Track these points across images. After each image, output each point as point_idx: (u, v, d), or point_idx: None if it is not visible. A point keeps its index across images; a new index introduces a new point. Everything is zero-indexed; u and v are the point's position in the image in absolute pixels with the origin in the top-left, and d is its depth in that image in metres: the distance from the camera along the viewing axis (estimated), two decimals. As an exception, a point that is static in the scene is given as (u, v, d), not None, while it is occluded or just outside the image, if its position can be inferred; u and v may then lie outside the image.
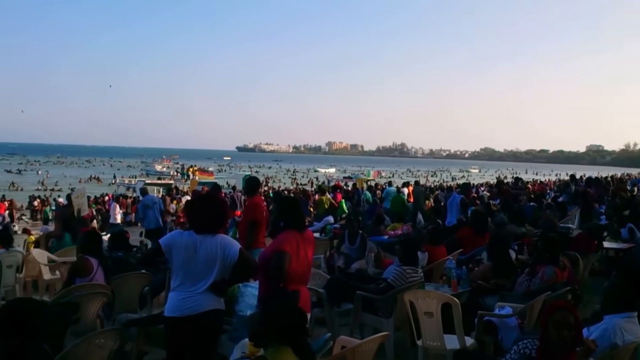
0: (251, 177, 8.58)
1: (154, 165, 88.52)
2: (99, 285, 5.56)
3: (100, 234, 6.70)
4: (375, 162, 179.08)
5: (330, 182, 56.84)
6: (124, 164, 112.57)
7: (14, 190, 49.90)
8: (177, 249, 3.98)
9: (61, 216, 10.52)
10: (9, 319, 2.78)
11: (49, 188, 52.04)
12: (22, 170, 79.41)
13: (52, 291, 8.20)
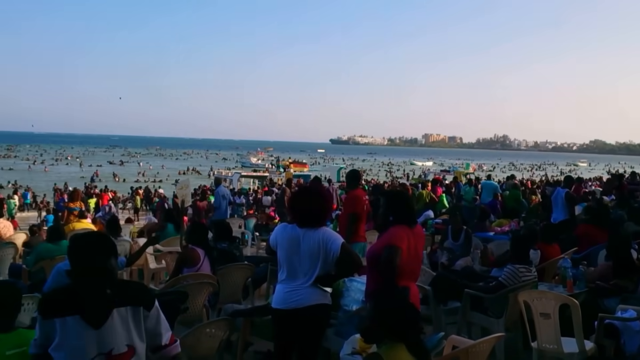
0: (352, 170, 8.60)
1: (249, 157, 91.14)
2: (205, 275, 5.79)
3: (206, 225, 6.95)
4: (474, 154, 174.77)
5: (427, 176, 56.14)
6: (220, 156, 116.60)
7: (117, 182, 53.02)
8: (281, 242, 4.06)
9: (163, 207, 11.03)
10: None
11: (150, 180, 54.77)
12: (124, 162, 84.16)
13: (157, 280, 8.64)
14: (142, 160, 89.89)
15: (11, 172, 59.66)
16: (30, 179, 49.91)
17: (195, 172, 67.69)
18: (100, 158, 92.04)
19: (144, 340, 2.69)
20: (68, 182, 44.43)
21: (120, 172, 64.57)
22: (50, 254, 7.10)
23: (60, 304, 2.57)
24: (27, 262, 7.41)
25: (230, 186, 37.62)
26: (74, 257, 2.59)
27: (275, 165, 57.91)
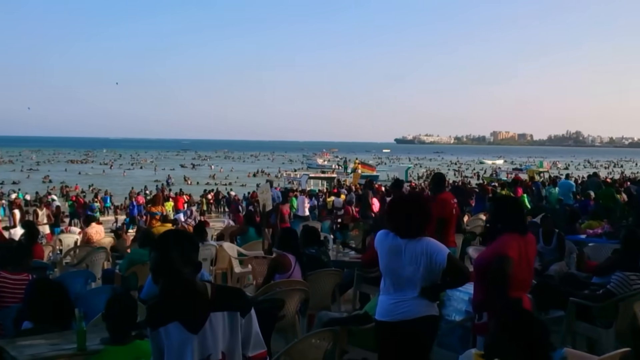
0: (438, 173, 8.40)
1: (315, 158, 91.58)
2: (297, 281, 5.74)
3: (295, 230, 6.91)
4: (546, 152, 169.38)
5: (499, 175, 54.71)
6: (286, 157, 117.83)
7: (189, 185, 54.37)
8: (382, 251, 3.94)
9: (237, 210, 11.10)
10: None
11: (220, 182, 55.88)
12: (195, 165, 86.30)
13: (242, 283, 8.70)
14: (212, 163, 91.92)
15: (88, 177, 62.20)
16: (108, 183, 51.92)
17: (265, 175, 68.63)
18: (173, 162, 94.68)
19: (239, 347, 2.62)
20: (143, 186, 45.96)
21: (192, 175, 66.20)
22: (142, 258, 7.25)
23: (160, 312, 2.55)
24: (120, 267, 7.59)
25: (299, 187, 37.93)
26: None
27: (343, 166, 57.89)
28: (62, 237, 12.43)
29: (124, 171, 71.57)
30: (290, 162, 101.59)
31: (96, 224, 11.05)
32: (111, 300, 3.45)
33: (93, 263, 9.00)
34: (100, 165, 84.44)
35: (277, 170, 71.39)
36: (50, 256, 10.33)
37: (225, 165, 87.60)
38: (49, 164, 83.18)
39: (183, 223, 12.61)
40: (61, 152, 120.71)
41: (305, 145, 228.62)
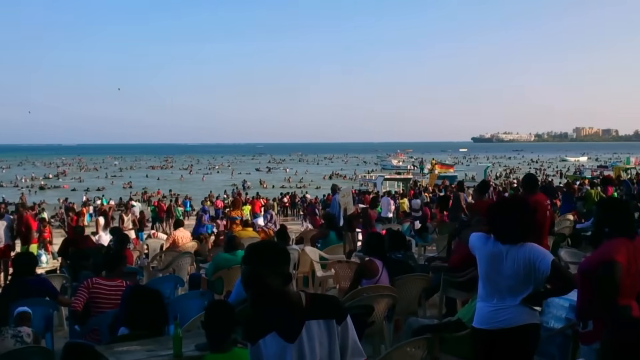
0: (529, 174, 8.09)
1: (389, 159, 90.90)
2: (385, 287, 5.65)
3: (381, 234, 6.82)
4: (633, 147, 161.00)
5: (582, 172, 52.44)
6: (360, 159, 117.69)
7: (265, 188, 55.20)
8: (481, 257, 3.80)
9: (326, 215, 11.09)
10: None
11: (295, 185, 56.42)
12: (271, 169, 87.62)
13: (324, 287, 8.68)
14: (287, 166, 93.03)
15: (168, 182, 64.30)
16: (188, 188, 53.49)
17: (341, 177, 68.65)
18: (248, 166, 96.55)
19: (337, 356, 2.55)
20: (220, 190, 47.03)
21: (268, 178, 67.21)
22: (227, 263, 7.36)
23: (256, 325, 2.53)
24: (206, 272, 7.73)
25: (375, 189, 37.66)
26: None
27: (419, 166, 57.20)
28: (149, 242, 12.83)
29: (203, 176, 73.41)
30: (364, 163, 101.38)
31: (182, 228, 11.34)
32: (210, 307, 3.47)
33: (179, 267, 9.23)
34: (180, 170, 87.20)
35: (352, 172, 71.27)
36: (137, 261, 10.70)
37: (300, 168, 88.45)
38: (131, 171, 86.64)
39: (263, 227, 12.74)
40: (142, 159, 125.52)
41: (378, 147, 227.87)
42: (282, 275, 2.46)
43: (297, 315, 2.50)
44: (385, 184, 41.63)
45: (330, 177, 69.91)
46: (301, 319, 2.49)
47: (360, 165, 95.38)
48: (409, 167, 71.50)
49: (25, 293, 5.84)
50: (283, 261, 2.51)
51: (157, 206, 29.07)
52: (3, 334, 4.20)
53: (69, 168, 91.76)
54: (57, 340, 6.29)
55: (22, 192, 50.67)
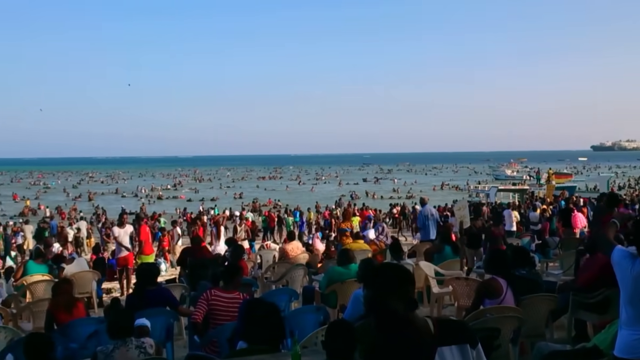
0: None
1: (502, 169, 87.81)
2: (510, 308, 5.32)
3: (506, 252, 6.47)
4: None
5: None
6: (470, 169, 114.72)
7: (374, 199, 55.04)
8: (625, 277, 3.46)
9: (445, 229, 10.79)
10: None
11: (404, 196, 55.80)
12: (378, 179, 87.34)
13: (440, 304, 8.39)
14: (395, 176, 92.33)
15: (276, 192, 65.76)
16: (297, 199, 54.43)
17: (452, 188, 67.12)
18: (356, 176, 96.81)
19: None
20: (329, 201, 47.37)
21: (376, 189, 66.98)
22: (341, 277, 7.29)
23: (381, 353, 2.37)
24: (320, 285, 7.70)
25: (488, 201, 36.36)
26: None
27: (535, 176, 54.67)
28: (262, 253, 13.08)
29: (312, 187, 74.37)
30: (475, 173, 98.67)
31: (295, 241, 11.44)
32: (332, 327, 3.38)
33: (292, 280, 9.29)
34: (289, 181, 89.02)
35: (463, 183, 69.45)
36: (251, 272, 10.90)
37: (408, 178, 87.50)
38: (242, 181, 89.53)
39: (374, 240, 12.60)
40: (253, 170, 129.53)
41: (490, 156, 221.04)
42: (408, 300, 2.33)
43: (425, 342, 2.35)
44: (499, 195, 40.13)
45: (442, 187, 68.57)
46: (432, 347, 2.35)
47: (472, 175, 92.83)
48: (524, 177, 68.64)
49: (147, 303, 6.07)
50: (408, 285, 2.37)
51: (268, 216, 29.68)
52: (128, 344, 4.34)
53: (185, 179, 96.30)
54: (177, 349, 6.49)
55: (143, 202, 53.71)
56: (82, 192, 67.54)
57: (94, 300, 10.16)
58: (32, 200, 56.70)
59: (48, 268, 10.01)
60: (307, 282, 9.83)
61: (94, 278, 10.30)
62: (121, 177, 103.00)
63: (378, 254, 10.92)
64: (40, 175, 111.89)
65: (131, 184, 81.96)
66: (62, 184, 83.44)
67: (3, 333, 5.82)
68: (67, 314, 6.03)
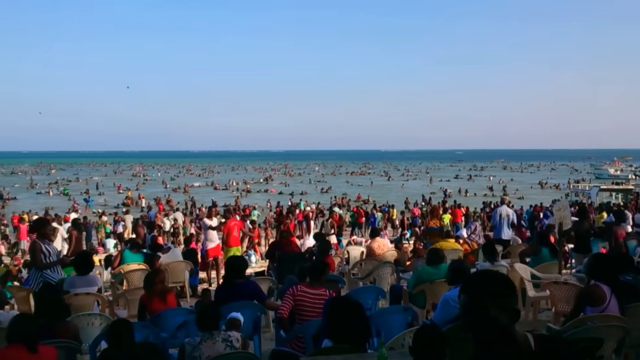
0: None
1: (605, 167, 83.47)
2: (614, 316, 4.96)
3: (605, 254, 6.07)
4: None
5: None
6: (570, 167, 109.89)
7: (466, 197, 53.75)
8: None
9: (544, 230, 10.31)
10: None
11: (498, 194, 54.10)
12: (472, 176, 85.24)
13: (536, 309, 8.02)
14: (490, 173, 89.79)
15: (365, 188, 65.56)
16: (386, 195, 54.12)
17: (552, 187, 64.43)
18: (447, 173, 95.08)
19: None
20: (419, 198, 46.72)
21: (469, 186, 65.36)
22: (430, 277, 7.09)
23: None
24: (407, 284, 7.53)
25: (589, 200, 34.60)
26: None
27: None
28: (349, 249, 13.02)
29: (402, 184, 73.65)
30: (575, 171, 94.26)
31: (379, 237, 11.28)
32: (420, 333, 3.24)
33: (380, 277, 9.16)
34: (378, 176, 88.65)
35: (564, 182, 66.46)
36: (338, 267, 10.87)
37: (503, 175, 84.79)
38: (332, 176, 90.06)
39: (466, 239, 12.21)
40: (342, 165, 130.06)
41: (592, 153, 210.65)
42: (509, 310, 2.16)
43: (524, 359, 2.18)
44: (600, 195, 38.12)
45: (541, 186, 66.01)
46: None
47: (572, 173, 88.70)
48: (629, 176, 64.89)
49: (235, 295, 6.15)
50: (510, 294, 2.20)
51: (357, 212, 29.62)
52: (214, 337, 4.38)
53: (276, 173, 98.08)
54: (265, 342, 6.55)
55: (236, 195, 55.16)
56: (179, 184, 70.23)
57: (187, 290, 10.47)
58: (133, 191, 59.69)
59: (144, 257, 10.41)
60: (394, 280, 9.68)
61: (187, 268, 10.61)
62: (215, 171, 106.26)
63: (469, 254, 10.58)
64: (140, 167, 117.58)
65: (224, 177, 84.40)
66: (161, 176, 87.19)
67: (99, 319, 6.08)
68: (159, 303, 6.20)
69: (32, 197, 58.14)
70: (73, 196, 55.97)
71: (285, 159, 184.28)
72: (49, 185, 70.02)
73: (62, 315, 5.33)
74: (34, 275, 7.20)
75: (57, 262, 7.36)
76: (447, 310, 5.23)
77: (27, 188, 68.42)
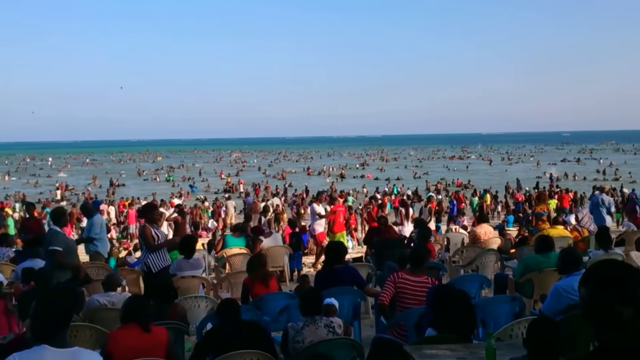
0: None
1: None
2: None
3: None
4: None
5: None
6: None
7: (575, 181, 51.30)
8: None
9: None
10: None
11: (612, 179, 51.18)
12: (580, 159, 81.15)
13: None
14: (601, 156, 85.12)
15: (464, 173, 64.06)
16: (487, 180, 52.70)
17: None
18: (553, 156, 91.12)
19: None
20: (523, 181, 45.11)
21: (577, 170, 62.23)
22: (539, 265, 6.80)
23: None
24: (514, 272, 7.28)
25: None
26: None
27: None
28: (449, 235, 12.78)
29: (506, 169, 71.22)
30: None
31: (486, 224, 10.96)
32: (533, 326, 3.10)
33: (483, 265, 8.92)
34: (479, 160, 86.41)
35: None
36: (438, 254, 10.68)
37: (615, 158, 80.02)
38: (429, 161, 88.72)
39: (576, 226, 11.61)
40: (439, 149, 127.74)
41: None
42: (636, 304, 1.99)
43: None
44: None
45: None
46: None
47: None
48: None
49: (335, 281, 6.18)
50: (636, 284, 2.03)
51: (455, 197, 29.00)
52: (317, 322, 4.42)
53: (371, 158, 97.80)
54: (364, 328, 6.56)
55: (332, 181, 55.57)
56: (277, 170, 71.64)
57: (287, 275, 10.66)
58: (233, 177, 61.58)
59: (245, 241, 10.70)
60: (498, 268, 9.39)
61: (286, 252, 10.80)
62: (310, 156, 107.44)
63: (579, 241, 10.06)
64: (239, 154, 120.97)
65: (319, 163, 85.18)
66: (258, 163, 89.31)
67: (205, 302, 6.31)
68: (261, 287, 6.35)
69: (139, 183, 61.28)
70: (177, 182, 58.46)
71: (381, 144, 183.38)
72: (155, 172, 73.54)
73: (170, 297, 5.58)
74: (144, 258, 7.56)
75: (166, 244, 7.67)
76: (558, 300, 5.00)
77: (135, 175, 72.16)
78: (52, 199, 44.13)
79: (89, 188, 54.01)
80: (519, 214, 24.26)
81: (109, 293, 6.17)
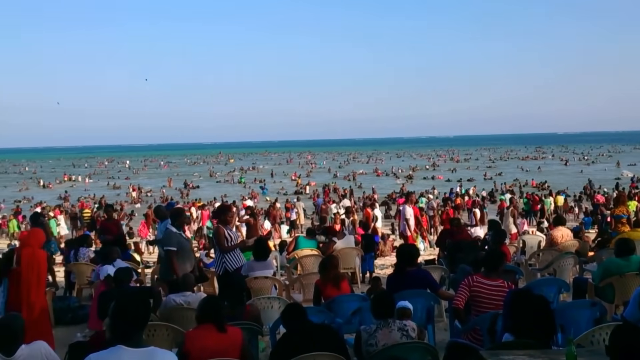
0: None
1: None
2: None
3: None
4: None
5: None
6: None
7: None
8: None
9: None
10: None
11: None
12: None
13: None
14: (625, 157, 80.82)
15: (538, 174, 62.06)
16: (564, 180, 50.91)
17: None
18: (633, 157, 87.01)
19: None
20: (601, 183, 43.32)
21: None
22: (619, 269, 6.53)
23: None
24: (593, 276, 7.02)
25: None
26: None
27: None
28: (525, 237, 12.44)
29: (581, 169, 68.59)
30: None
31: (563, 226, 10.59)
32: (618, 333, 2.96)
33: (561, 269, 8.63)
34: (555, 160, 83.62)
35: None
36: (513, 257, 10.42)
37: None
38: (502, 162, 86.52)
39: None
40: (513, 150, 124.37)
41: None
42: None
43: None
44: None
45: None
46: None
47: None
48: None
49: (407, 283, 6.12)
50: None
51: (531, 199, 28.15)
52: (390, 325, 4.39)
53: (441, 159, 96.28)
54: (438, 332, 6.45)
55: (402, 182, 55.04)
56: (347, 171, 71.59)
57: (358, 277, 10.65)
58: (303, 179, 62.01)
59: (316, 244, 10.77)
60: (576, 272, 9.07)
61: (358, 254, 10.79)
62: (380, 158, 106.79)
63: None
64: (309, 156, 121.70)
65: (389, 164, 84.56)
66: (327, 164, 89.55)
67: (277, 303, 6.38)
68: (333, 289, 6.37)
69: (212, 185, 62.58)
70: (249, 184, 59.39)
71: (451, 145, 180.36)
72: (228, 174, 74.96)
73: (243, 298, 5.67)
74: (218, 259, 7.72)
75: (239, 245, 7.82)
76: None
77: (208, 177, 73.77)
78: (129, 200, 45.83)
79: (163, 190, 55.60)
80: (597, 216, 23.34)
81: (184, 293, 6.32)
